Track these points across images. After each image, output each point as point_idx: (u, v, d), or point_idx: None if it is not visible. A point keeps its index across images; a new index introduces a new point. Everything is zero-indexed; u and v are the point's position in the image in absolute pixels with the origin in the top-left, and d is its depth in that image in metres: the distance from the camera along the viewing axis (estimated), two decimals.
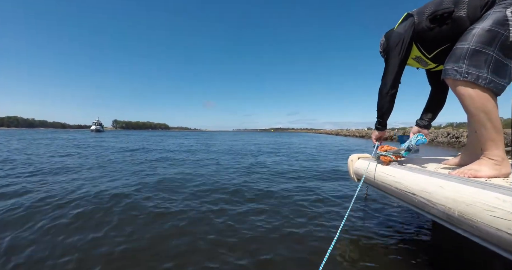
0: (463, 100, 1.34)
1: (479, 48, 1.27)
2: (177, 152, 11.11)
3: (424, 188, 1.28)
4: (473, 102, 1.29)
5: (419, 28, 1.58)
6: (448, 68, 1.36)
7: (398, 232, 2.34)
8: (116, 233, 2.31)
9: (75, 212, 2.84)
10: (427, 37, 1.57)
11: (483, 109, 1.27)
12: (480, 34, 1.27)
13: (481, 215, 0.95)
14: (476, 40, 1.28)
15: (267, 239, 2.22)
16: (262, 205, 3.19)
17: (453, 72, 1.32)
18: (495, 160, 1.30)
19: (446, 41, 1.50)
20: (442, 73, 1.41)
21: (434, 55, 1.62)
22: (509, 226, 0.85)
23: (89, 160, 7.66)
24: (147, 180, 4.56)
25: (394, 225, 2.50)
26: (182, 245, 2.10)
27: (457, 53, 1.34)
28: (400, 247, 2.04)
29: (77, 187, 3.96)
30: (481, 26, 1.28)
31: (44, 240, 2.17)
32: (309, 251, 2.00)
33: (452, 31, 1.44)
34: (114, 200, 3.32)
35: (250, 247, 2.07)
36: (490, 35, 1.25)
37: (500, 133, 1.29)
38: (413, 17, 1.61)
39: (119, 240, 2.18)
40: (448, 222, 1.16)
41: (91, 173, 5.29)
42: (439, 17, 1.47)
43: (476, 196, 0.99)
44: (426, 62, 1.71)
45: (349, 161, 2.34)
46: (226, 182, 4.52)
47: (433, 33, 1.53)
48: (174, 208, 3.02)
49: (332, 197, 3.56)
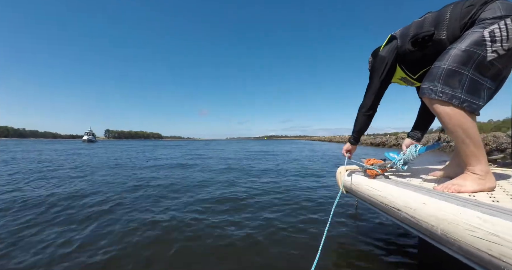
0: (440, 118, 1.35)
1: (454, 68, 1.27)
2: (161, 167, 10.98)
3: (408, 204, 1.27)
4: (450, 120, 1.29)
5: (402, 51, 1.59)
6: (424, 87, 1.37)
7: (384, 245, 2.32)
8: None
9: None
10: (410, 59, 1.59)
11: (461, 126, 1.27)
12: (456, 54, 1.28)
13: (462, 234, 0.94)
14: (451, 60, 1.29)
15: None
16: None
17: (429, 91, 1.34)
18: (479, 174, 1.30)
19: (429, 63, 1.50)
20: (419, 92, 1.43)
21: (419, 76, 1.64)
22: (490, 247, 0.83)
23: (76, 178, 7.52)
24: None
25: (381, 237, 2.48)
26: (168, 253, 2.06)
27: (433, 72, 1.35)
28: (384, 260, 2.02)
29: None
30: (457, 46, 1.29)
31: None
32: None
33: (433, 54, 1.44)
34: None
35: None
36: (466, 55, 1.26)
37: (480, 148, 1.29)
38: (397, 40, 1.63)
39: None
40: (432, 239, 1.15)
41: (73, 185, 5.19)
42: (420, 40, 1.48)
43: (457, 214, 0.98)
44: (412, 82, 1.73)
45: (337, 172, 2.33)
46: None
47: (415, 55, 1.55)
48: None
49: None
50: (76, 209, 3.48)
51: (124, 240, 2.46)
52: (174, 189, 4.83)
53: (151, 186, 5.15)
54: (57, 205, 3.69)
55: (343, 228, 2.72)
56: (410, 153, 1.65)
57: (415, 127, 1.94)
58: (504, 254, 0.79)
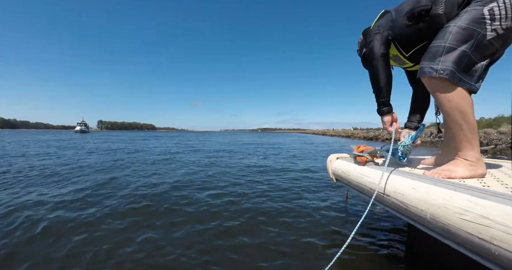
0: (438, 99, 1.30)
1: (455, 46, 1.23)
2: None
3: (397, 189, 1.23)
4: (448, 101, 1.25)
5: (397, 25, 1.53)
6: (423, 66, 1.31)
7: (373, 234, 2.30)
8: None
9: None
10: (404, 35, 1.53)
11: (458, 108, 1.23)
12: (456, 32, 1.24)
13: (452, 218, 0.90)
14: (452, 38, 1.24)
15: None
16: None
17: (429, 70, 1.28)
18: (470, 161, 1.27)
19: (423, 39, 1.47)
20: (418, 72, 1.37)
21: (411, 54, 1.59)
22: (480, 230, 0.80)
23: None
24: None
25: (371, 226, 2.46)
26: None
27: (432, 51, 1.30)
28: (374, 252, 2.00)
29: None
30: (457, 24, 1.25)
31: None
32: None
33: (429, 29, 1.41)
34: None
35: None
36: (467, 33, 1.22)
37: (475, 134, 1.26)
38: (391, 14, 1.57)
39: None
40: (421, 224, 1.12)
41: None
42: (416, 15, 1.43)
43: (447, 198, 0.95)
44: (403, 61, 1.68)
45: (328, 161, 2.29)
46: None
47: (410, 30, 1.49)
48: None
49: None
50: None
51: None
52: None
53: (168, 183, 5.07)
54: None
55: (332, 217, 2.70)
56: (406, 144, 1.61)
57: (411, 116, 1.87)
58: (494, 237, 0.76)
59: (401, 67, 1.80)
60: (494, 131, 14.15)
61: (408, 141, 1.59)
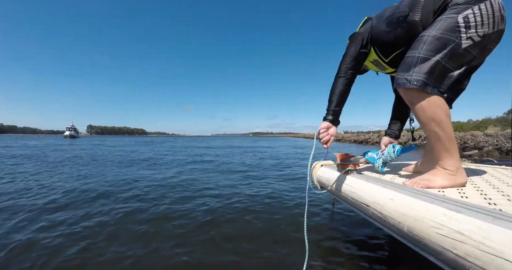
0: (414, 109, 1.30)
1: (429, 56, 1.22)
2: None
3: (376, 200, 1.21)
4: (423, 111, 1.24)
5: (376, 31, 1.54)
6: (399, 77, 1.31)
7: (358, 241, 2.29)
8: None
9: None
10: (383, 40, 1.54)
11: (434, 118, 1.22)
12: (430, 42, 1.23)
13: (428, 232, 0.88)
14: (426, 48, 1.23)
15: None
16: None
17: (403, 81, 1.27)
18: (449, 170, 1.25)
19: (401, 45, 1.46)
20: (394, 83, 1.36)
21: (391, 59, 1.58)
22: (455, 245, 0.77)
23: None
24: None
25: (357, 233, 2.45)
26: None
27: (407, 62, 1.29)
28: (358, 256, 1.99)
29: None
30: (432, 33, 1.24)
31: None
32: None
33: (406, 35, 1.41)
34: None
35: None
36: (441, 42, 1.21)
37: (453, 143, 1.25)
38: (372, 21, 1.59)
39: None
40: (400, 236, 1.10)
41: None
42: (394, 21, 1.44)
43: (423, 211, 0.92)
44: (383, 66, 1.67)
45: (312, 168, 2.27)
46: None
47: (389, 36, 1.49)
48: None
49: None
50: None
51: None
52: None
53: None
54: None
55: (319, 224, 2.68)
56: (388, 154, 1.59)
57: (392, 124, 1.88)
58: (468, 254, 0.73)
59: (383, 72, 1.80)
60: (481, 134, 14.39)
61: (392, 153, 1.58)
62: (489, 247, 0.69)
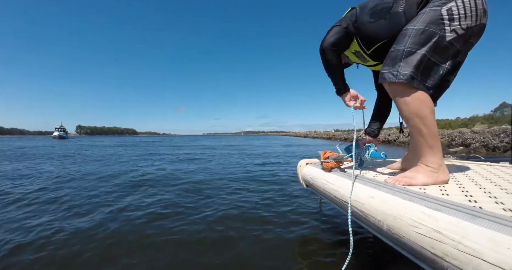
0: (398, 105, 1.28)
1: (414, 49, 1.20)
2: None
3: (357, 198, 1.18)
4: (408, 107, 1.22)
5: (360, 21, 1.50)
6: (384, 72, 1.29)
7: (345, 239, 2.26)
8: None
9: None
10: (366, 31, 1.49)
11: (418, 113, 1.20)
12: (415, 35, 1.21)
13: (406, 230, 0.85)
14: (411, 41, 1.21)
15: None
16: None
17: (389, 75, 1.25)
18: (432, 167, 1.23)
19: (384, 37, 1.43)
20: (379, 78, 1.34)
21: (373, 51, 1.54)
22: (433, 245, 0.74)
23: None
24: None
25: (344, 231, 2.43)
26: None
27: (392, 55, 1.27)
28: (343, 253, 1.97)
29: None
30: (416, 26, 1.22)
31: None
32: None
33: (389, 27, 1.38)
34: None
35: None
36: (425, 35, 1.19)
37: (436, 139, 1.22)
38: (356, 10, 1.55)
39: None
40: (381, 235, 1.08)
41: None
42: (378, 12, 1.42)
43: (402, 209, 0.89)
44: (365, 58, 1.63)
45: (298, 166, 2.25)
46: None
47: (372, 27, 1.45)
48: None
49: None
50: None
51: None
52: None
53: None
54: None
55: (305, 224, 2.65)
56: (364, 154, 1.63)
57: (371, 123, 1.84)
58: (446, 253, 0.70)
59: (364, 65, 1.77)
60: (469, 131, 14.59)
61: (367, 155, 1.61)
62: (467, 246, 0.66)
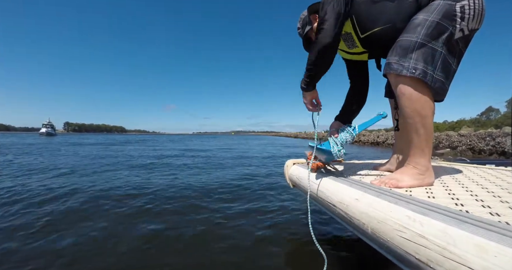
0: (402, 100, 1.18)
1: (427, 42, 1.12)
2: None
3: (342, 199, 1.14)
4: (412, 104, 1.15)
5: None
6: (392, 62, 1.18)
7: (332, 240, 2.24)
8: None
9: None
10: (367, 10, 1.31)
11: (420, 112, 1.14)
12: (428, 26, 1.12)
13: (391, 234, 0.81)
14: (424, 33, 1.12)
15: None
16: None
17: (399, 67, 1.15)
18: (419, 169, 1.20)
19: (386, 22, 1.28)
20: (384, 68, 1.24)
21: (366, 36, 1.37)
22: (417, 250, 0.71)
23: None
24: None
25: (330, 232, 2.41)
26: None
27: (403, 45, 1.16)
28: (331, 255, 1.94)
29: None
30: (430, 17, 1.13)
31: None
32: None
33: (395, 11, 1.24)
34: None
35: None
36: (439, 29, 1.12)
37: (430, 142, 1.19)
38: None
39: None
40: (366, 238, 1.04)
41: None
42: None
43: (387, 213, 0.86)
44: (353, 43, 1.46)
45: (285, 166, 2.21)
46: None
47: (375, 7, 1.28)
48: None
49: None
50: None
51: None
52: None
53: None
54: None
55: (293, 224, 2.62)
56: (346, 134, 1.47)
57: (344, 114, 1.69)
58: (431, 259, 0.67)
59: (348, 51, 1.57)
60: (455, 134, 14.82)
61: (351, 131, 1.47)
62: (452, 253, 0.62)
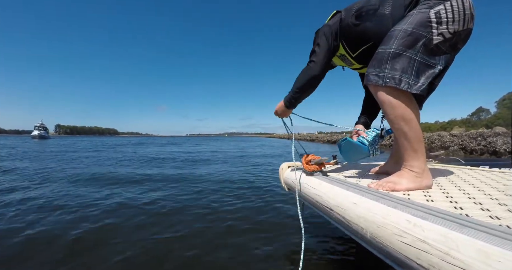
0: (384, 107, 1.24)
1: (401, 51, 1.17)
2: None
3: (339, 204, 1.13)
4: (394, 110, 1.18)
5: (345, 24, 1.48)
6: (369, 74, 1.25)
7: (328, 244, 2.23)
8: None
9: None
10: (351, 34, 1.47)
11: (404, 117, 1.17)
12: (402, 36, 1.18)
13: (391, 239, 0.80)
14: (398, 43, 1.18)
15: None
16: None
17: (375, 78, 1.21)
18: (415, 172, 1.20)
19: (370, 40, 1.40)
20: (364, 80, 1.31)
21: (358, 54, 1.52)
22: (419, 255, 0.70)
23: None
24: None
25: (327, 234, 2.39)
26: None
27: (378, 57, 1.23)
28: (325, 256, 1.93)
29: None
30: (403, 28, 1.19)
31: None
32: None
33: (375, 29, 1.35)
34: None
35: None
36: (412, 37, 1.16)
37: (421, 144, 1.19)
38: (341, 13, 1.53)
39: None
40: (364, 242, 1.03)
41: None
42: (364, 14, 1.39)
43: (386, 217, 0.84)
44: (350, 61, 1.61)
45: (280, 169, 2.20)
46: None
47: (357, 30, 1.43)
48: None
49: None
50: None
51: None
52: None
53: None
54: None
55: (288, 228, 2.60)
56: (375, 133, 1.54)
57: (361, 118, 1.81)
58: (433, 265, 0.66)
59: (350, 68, 1.73)
60: (447, 134, 14.97)
61: (385, 134, 1.54)
62: (455, 258, 0.61)
